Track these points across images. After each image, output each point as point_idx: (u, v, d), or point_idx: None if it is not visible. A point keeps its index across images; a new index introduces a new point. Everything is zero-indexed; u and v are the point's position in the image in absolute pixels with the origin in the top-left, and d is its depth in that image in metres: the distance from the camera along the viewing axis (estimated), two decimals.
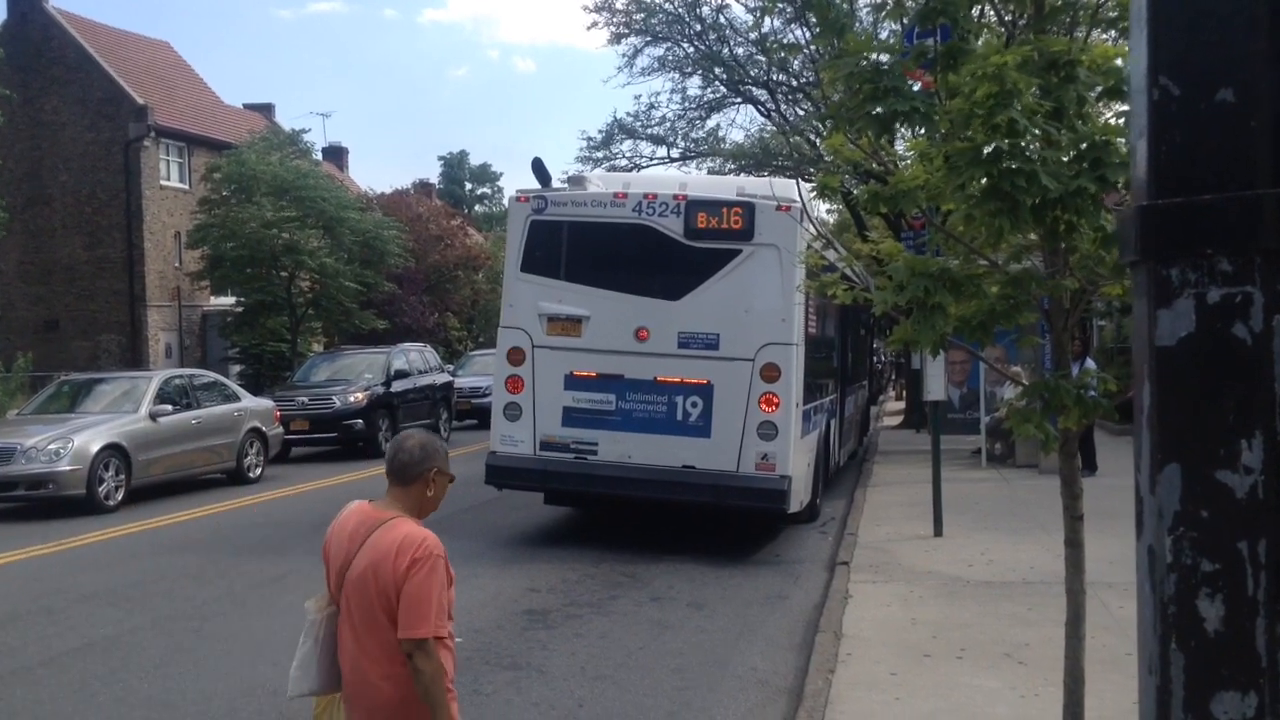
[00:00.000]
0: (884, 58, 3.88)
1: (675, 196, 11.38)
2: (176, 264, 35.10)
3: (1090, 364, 14.46)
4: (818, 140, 27.04)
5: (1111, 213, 3.72)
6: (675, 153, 27.99)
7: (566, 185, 12.04)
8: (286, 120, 46.30)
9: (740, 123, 66.02)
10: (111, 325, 34.04)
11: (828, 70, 4.10)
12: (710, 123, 28.77)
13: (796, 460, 11.37)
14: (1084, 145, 3.62)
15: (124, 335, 33.92)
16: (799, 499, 11.75)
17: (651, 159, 28.01)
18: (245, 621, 8.61)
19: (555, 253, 11.65)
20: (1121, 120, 3.73)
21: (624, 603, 9.27)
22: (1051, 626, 7.46)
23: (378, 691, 3.57)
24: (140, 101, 33.99)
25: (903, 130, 3.87)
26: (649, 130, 27.99)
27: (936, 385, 12.15)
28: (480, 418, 28.12)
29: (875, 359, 52.10)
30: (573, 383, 11.43)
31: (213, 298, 35.18)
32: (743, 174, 27.07)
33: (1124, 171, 3.56)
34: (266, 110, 44.54)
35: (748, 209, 11.20)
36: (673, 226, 11.26)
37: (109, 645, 7.95)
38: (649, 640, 8.13)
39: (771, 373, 11.02)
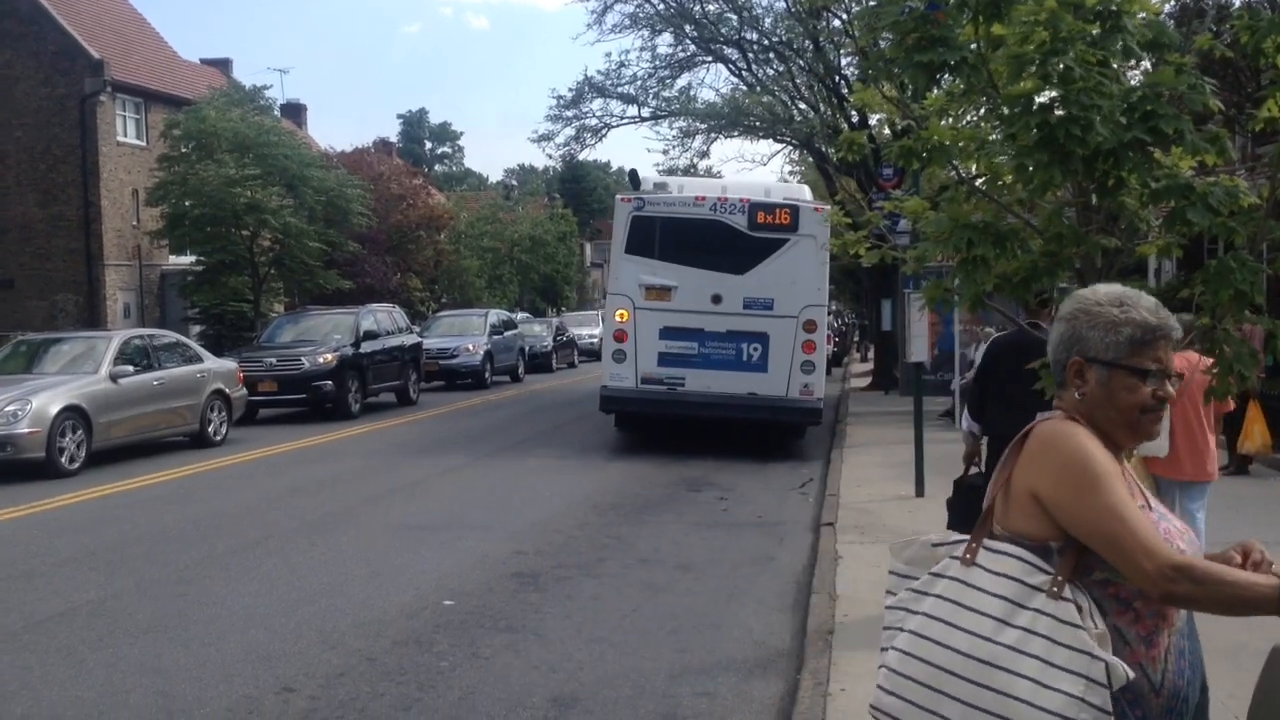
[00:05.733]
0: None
1: (741, 200, 15.60)
2: (134, 222, 34.40)
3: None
4: (790, 101, 26.93)
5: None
6: (646, 112, 27.78)
7: (653, 188, 16.22)
8: (243, 76, 45.47)
9: (710, 82, 65.73)
10: (68, 285, 33.33)
11: (864, 18, 3.98)
12: (681, 81, 28.57)
13: (825, 387, 16.16)
14: (1136, 96, 3.53)
15: (81, 295, 33.24)
16: (825, 415, 17.23)
17: (622, 118, 27.77)
18: (231, 585, 8.43)
19: (650, 240, 15.61)
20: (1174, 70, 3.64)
21: (612, 565, 9.19)
22: None
23: (1204, 442, 6.85)
24: (96, 56, 33.12)
25: (945, 79, 3.76)
26: (619, 89, 27.72)
27: (920, 347, 12.13)
28: (448, 379, 27.94)
29: (841, 321, 52.43)
30: (665, 334, 15.52)
31: (172, 257, 34.48)
32: (713, 134, 27.09)
33: (1175, 123, 3.49)
34: (224, 65, 43.64)
35: (794, 210, 15.48)
36: (739, 222, 15.43)
37: (94, 610, 7.75)
38: (641, 602, 8.06)
39: (810, 326, 15.37)
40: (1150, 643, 2.34)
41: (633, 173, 17.20)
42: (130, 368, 15.58)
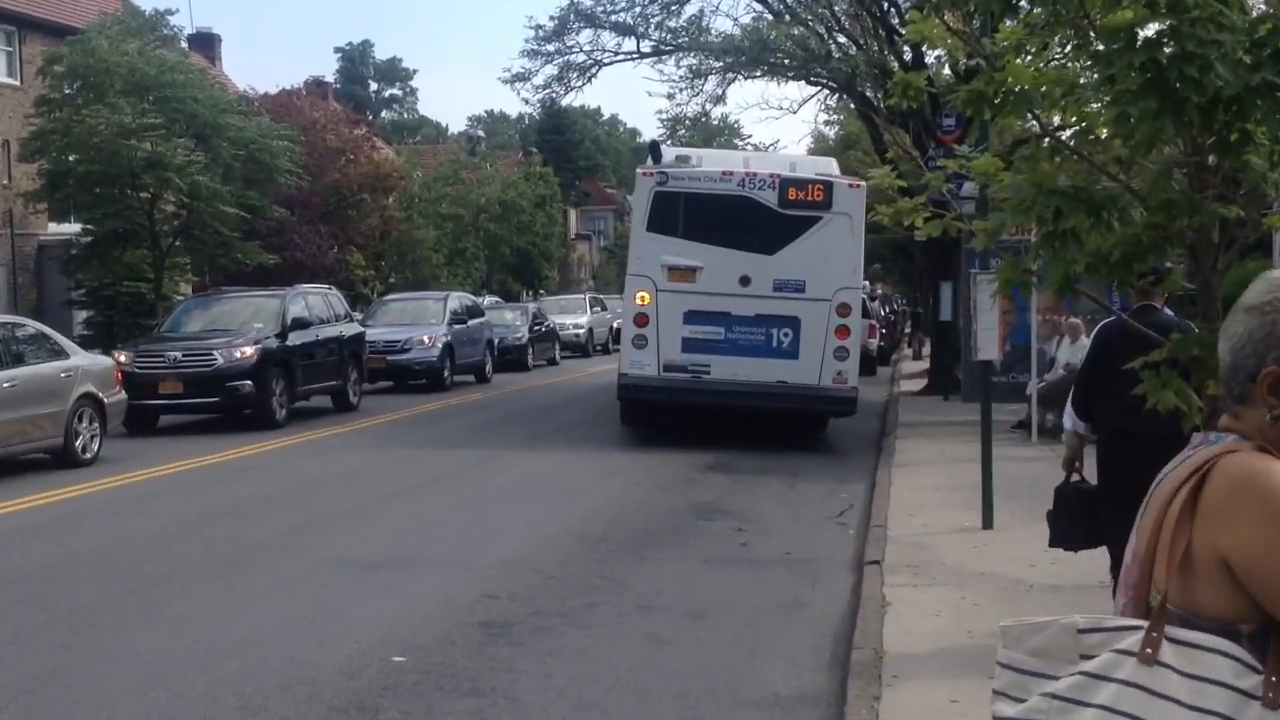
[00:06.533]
0: None
1: (771, 175, 17.64)
2: (5, 181, 34.45)
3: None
4: (827, 34, 26.97)
5: None
6: (646, 46, 27.82)
7: (675, 160, 18.21)
8: None
9: (727, 9, 65.61)
10: None
11: None
12: (691, 8, 28.65)
13: (859, 375, 18.32)
14: (1265, 29, 3.51)
15: None
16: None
17: (617, 54, 27.80)
18: (126, 636, 8.43)
19: (674, 217, 17.66)
20: None
21: (604, 611, 9.21)
22: None
23: None
24: None
25: (1024, 6, 3.75)
26: (613, 17, 27.75)
27: (989, 342, 12.12)
28: (398, 379, 27.92)
29: (889, 309, 52.82)
30: (690, 318, 17.53)
31: (52, 224, 34.56)
32: (730, 75, 27.27)
33: None
34: None
35: (828, 186, 17.55)
36: (769, 198, 17.38)
37: None
38: (641, 659, 8.07)
39: (844, 310, 17.43)
40: None
41: (654, 144, 19.47)
42: None
